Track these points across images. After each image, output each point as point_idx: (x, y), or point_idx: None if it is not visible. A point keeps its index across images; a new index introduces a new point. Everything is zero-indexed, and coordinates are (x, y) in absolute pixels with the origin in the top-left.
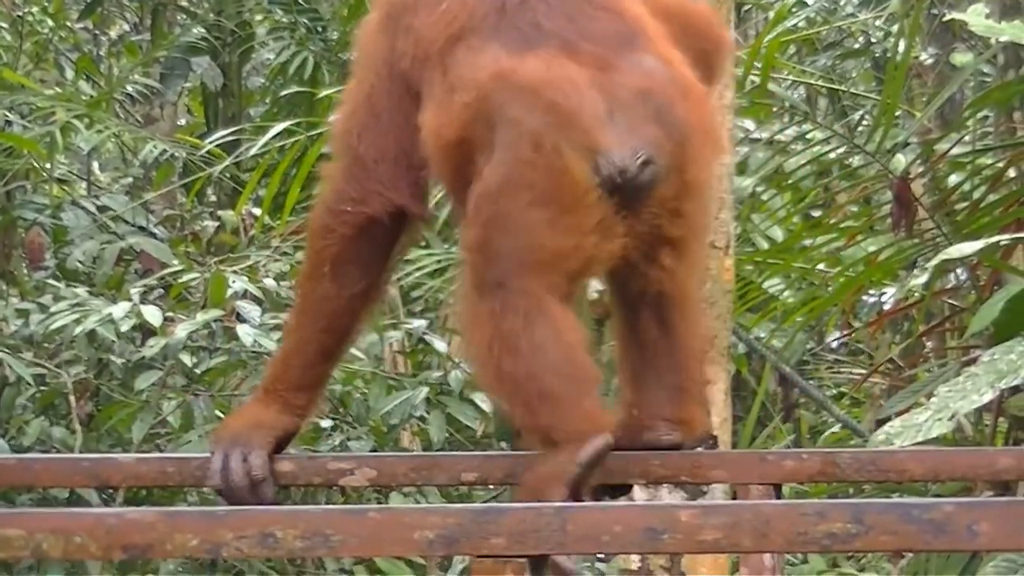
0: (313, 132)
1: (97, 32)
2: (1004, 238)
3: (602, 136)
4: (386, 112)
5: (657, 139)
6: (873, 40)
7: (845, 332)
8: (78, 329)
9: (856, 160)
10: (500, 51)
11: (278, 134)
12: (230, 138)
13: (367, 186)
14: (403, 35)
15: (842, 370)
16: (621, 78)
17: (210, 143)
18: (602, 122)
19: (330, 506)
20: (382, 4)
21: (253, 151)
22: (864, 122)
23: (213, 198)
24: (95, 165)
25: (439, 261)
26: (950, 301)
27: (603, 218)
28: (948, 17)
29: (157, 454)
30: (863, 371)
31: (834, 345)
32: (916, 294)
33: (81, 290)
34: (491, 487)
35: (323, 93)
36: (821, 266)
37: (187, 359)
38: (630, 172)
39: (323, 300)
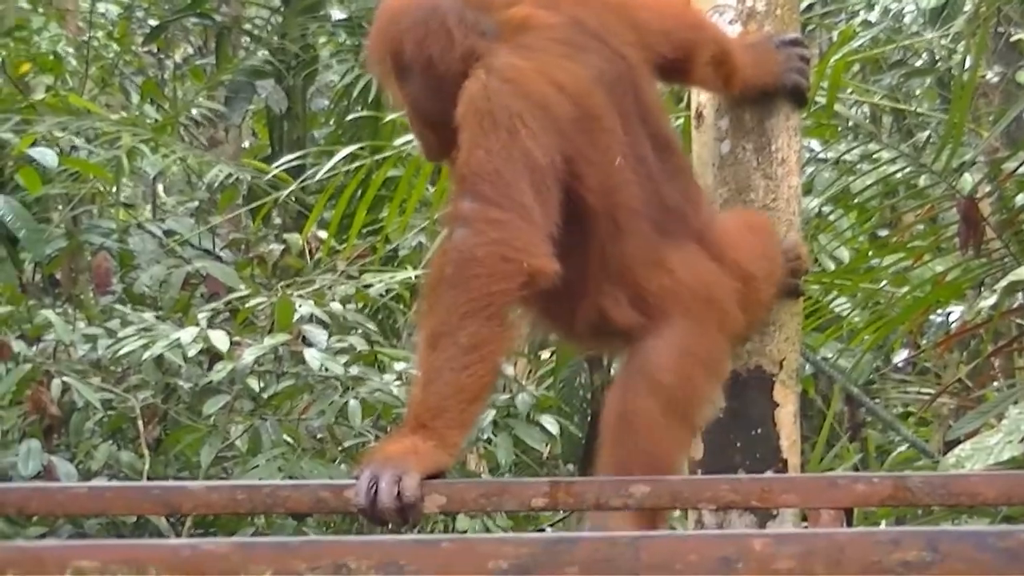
0: (378, 156)
1: (162, 56)
2: None
3: None
4: (551, 188)
5: None
6: (938, 59)
7: (913, 352)
8: (146, 354)
9: (923, 180)
10: (657, 236)
11: (343, 158)
12: (295, 162)
13: (542, 240)
14: (574, 147)
15: (909, 390)
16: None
17: (276, 168)
18: None
19: (403, 536)
20: (527, 80)
21: (319, 176)
22: (931, 141)
23: (278, 221)
24: (160, 189)
25: None
26: (1018, 321)
27: None
28: (1016, 37)
29: (227, 481)
30: (931, 391)
31: (901, 365)
32: (984, 314)
33: (148, 315)
34: (560, 511)
35: (388, 117)
36: (888, 286)
37: (254, 383)
38: None
39: (491, 341)
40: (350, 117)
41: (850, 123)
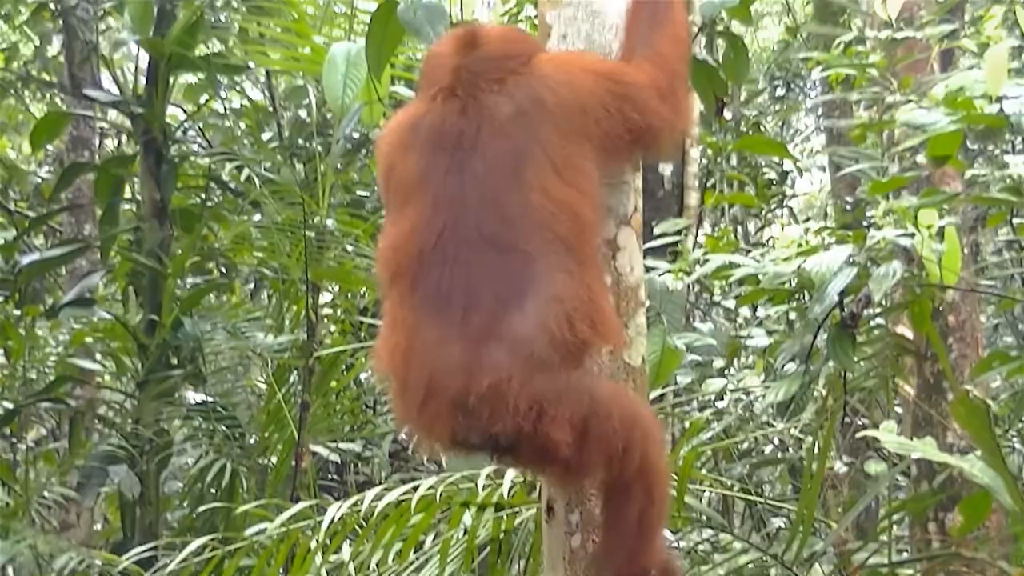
0: (230, 547)
1: (14, 439)
2: None
3: None
4: None
5: None
6: (788, 447)
7: None
8: None
9: (773, 572)
10: None
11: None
12: (147, 553)
13: None
14: None
15: None
16: None
17: (127, 559)
18: None
19: None
20: None
21: (170, 567)
22: (782, 530)
23: None
24: (10, 572)
25: None
26: None
27: None
28: (861, 434)
29: None
30: None
31: None
32: None
33: None
34: None
35: (241, 508)
36: None
37: None
38: None
39: None
40: (202, 508)
41: (701, 515)
